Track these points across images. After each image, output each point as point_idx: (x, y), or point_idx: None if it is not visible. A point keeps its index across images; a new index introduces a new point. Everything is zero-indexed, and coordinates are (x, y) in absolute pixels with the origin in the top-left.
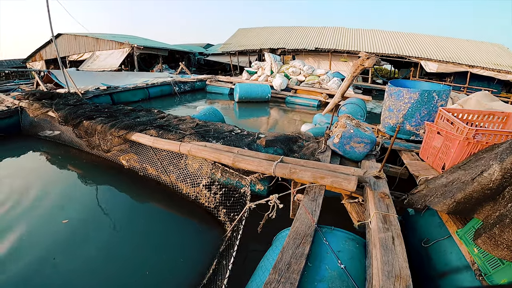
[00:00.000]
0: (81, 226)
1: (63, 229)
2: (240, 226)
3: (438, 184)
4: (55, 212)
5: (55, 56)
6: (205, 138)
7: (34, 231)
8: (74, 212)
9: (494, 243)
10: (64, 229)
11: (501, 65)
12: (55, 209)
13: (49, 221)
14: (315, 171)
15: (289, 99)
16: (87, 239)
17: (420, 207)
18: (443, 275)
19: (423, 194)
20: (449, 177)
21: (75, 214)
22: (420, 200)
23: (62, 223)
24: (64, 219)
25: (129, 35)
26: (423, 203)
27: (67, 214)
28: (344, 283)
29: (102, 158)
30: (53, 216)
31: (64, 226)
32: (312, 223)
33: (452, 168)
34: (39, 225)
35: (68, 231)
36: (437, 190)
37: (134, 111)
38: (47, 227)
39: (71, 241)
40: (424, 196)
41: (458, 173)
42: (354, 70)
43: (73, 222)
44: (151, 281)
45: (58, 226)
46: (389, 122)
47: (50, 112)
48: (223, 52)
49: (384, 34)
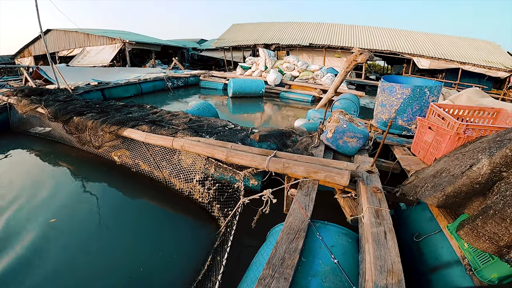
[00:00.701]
0: (71, 223)
1: (52, 227)
2: (234, 221)
3: (427, 174)
4: (44, 209)
5: (44, 52)
6: (198, 133)
7: (21, 228)
8: (64, 209)
9: (476, 235)
10: (54, 227)
11: (492, 62)
12: (44, 206)
13: (37, 219)
14: (308, 165)
15: (283, 95)
16: (78, 237)
17: (412, 199)
18: (435, 269)
19: (413, 184)
20: (436, 166)
21: (65, 211)
22: (411, 191)
23: (49, 222)
24: (53, 217)
25: (120, 31)
26: (414, 195)
27: (57, 212)
28: (338, 277)
29: (93, 154)
30: (42, 214)
31: (53, 224)
32: (306, 218)
33: (438, 159)
34: (26, 223)
35: (58, 229)
36: (426, 181)
37: (126, 107)
38: (34, 226)
39: (61, 239)
40: (415, 186)
41: (443, 160)
42: (347, 66)
43: (64, 219)
44: (146, 278)
45: (46, 225)
46: (381, 117)
47: (39, 108)
48: (217, 47)
49: (378, 30)
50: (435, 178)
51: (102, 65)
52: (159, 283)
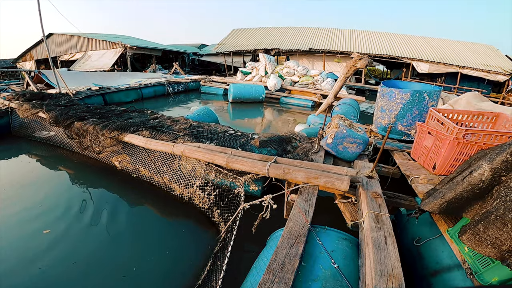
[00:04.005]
0: (72, 229)
1: (50, 234)
2: (234, 226)
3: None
4: (44, 214)
5: (46, 56)
6: (198, 139)
7: (17, 232)
8: (65, 214)
9: (478, 240)
10: (52, 231)
11: (491, 66)
12: (44, 211)
13: (32, 225)
14: (308, 171)
15: (283, 100)
16: (79, 243)
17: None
18: (435, 273)
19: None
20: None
21: (65, 216)
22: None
23: (43, 233)
24: (54, 221)
25: (122, 35)
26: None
27: (57, 217)
28: (338, 282)
29: (94, 159)
30: (41, 219)
31: (53, 230)
32: (306, 223)
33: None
34: (25, 229)
35: (57, 234)
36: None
37: (126, 112)
38: (29, 232)
39: (59, 245)
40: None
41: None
42: (346, 71)
43: (64, 224)
44: (146, 283)
45: (47, 228)
46: (381, 122)
47: (40, 113)
48: (217, 52)
49: (377, 35)
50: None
51: (104, 69)
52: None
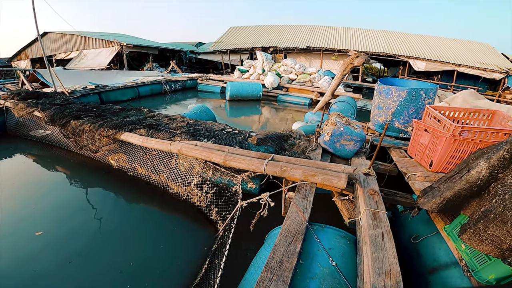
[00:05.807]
0: (68, 228)
1: (46, 234)
2: (232, 224)
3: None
4: (40, 214)
5: (41, 55)
6: (196, 137)
7: (13, 231)
8: (61, 213)
9: (478, 238)
10: (49, 230)
11: (487, 64)
12: (40, 211)
13: (28, 225)
14: (306, 169)
15: (281, 98)
16: (76, 241)
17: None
18: (433, 271)
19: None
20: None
21: (61, 215)
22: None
23: (36, 234)
24: (51, 220)
25: (118, 34)
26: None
27: (52, 216)
28: (336, 280)
29: (90, 158)
30: (37, 218)
31: (49, 227)
32: (304, 220)
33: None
34: (20, 229)
35: (54, 234)
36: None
37: (123, 111)
38: (25, 232)
39: (56, 244)
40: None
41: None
42: (344, 69)
43: (60, 224)
44: (144, 281)
45: (41, 228)
46: (378, 120)
47: (36, 112)
48: (214, 50)
49: (374, 33)
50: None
51: (100, 68)
52: (156, 287)
